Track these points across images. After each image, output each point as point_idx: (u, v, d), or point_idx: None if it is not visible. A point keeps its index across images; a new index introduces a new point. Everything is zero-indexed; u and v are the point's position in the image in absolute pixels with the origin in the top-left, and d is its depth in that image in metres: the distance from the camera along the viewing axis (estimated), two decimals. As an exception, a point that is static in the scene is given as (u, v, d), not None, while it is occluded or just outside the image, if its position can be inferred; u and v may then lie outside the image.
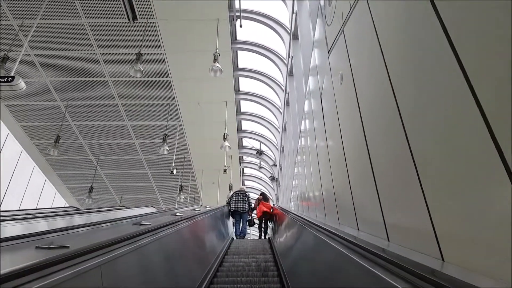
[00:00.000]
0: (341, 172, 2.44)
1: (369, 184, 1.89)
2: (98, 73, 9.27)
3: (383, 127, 1.74)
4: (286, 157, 9.73)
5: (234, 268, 4.33)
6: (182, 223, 2.61)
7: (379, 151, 1.81)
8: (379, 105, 1.78)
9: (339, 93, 2.49)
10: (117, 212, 4.93)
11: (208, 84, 9.61)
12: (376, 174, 1.82)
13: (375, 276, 1.25)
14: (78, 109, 10.53)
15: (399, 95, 1.54)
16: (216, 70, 7.03)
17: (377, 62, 1.73)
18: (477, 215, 1.01)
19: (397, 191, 1.62)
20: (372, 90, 1.88)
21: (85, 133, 11.57)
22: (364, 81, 2.04)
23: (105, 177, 14.14)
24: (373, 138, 1.87)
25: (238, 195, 9.58)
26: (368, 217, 1.99)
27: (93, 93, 9.95)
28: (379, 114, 1.79)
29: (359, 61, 2.11)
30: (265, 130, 13.17)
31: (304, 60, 5.97)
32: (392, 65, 1.61)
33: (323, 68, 3.06)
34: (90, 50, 8.62)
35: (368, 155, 1.91)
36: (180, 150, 12.37)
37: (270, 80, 10.54)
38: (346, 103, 2.33)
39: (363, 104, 2.04)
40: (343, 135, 2.41)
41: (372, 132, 1.89)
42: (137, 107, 10.46)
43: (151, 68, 9.09)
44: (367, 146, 1.91)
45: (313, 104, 3.70)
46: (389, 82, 1.62)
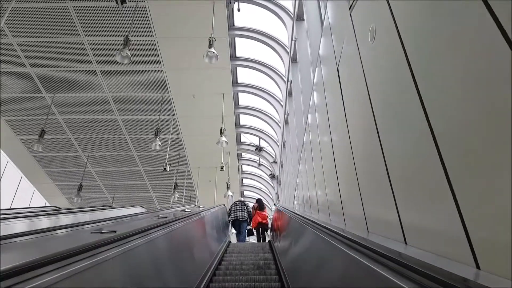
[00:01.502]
0: (372, 168, 1.85)
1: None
2: (86, 63, 8.72)
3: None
4: (288, 152, 9.17)
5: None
6: (160, 229, 2.07)
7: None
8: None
9: (370, 57, 1.88)
10: (97, 213, 4.42)
11: (203, 74, 9.06)
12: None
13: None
14: (65, 102, 9.98)
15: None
16: (212, 56, 6.48)
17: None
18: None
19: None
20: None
21: (74, 128, 11.02)
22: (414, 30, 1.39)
23: (96, 174, 13.60)
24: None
25: (237, 204, 9.84)
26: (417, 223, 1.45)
27: (80, 84, 9.40)
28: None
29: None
30: (265, 125, 12.61)
31: (311, 46, 5.38)
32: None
33: (342, 28, 2.49)
34: (76, 37, 8.07)
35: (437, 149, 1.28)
36: (175, 146, 11.84)
37: (270, 71, 9.97)
38: (383, 66, 1.69)
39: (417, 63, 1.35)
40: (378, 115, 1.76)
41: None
42: (128, 100, 9.91)
43: (142, 57, 8.54)
44: (433, 136, 1.26)
45: (327, 78, 3.15)
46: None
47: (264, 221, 9.25)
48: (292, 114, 7.98)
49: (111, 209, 5.68)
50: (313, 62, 4.78)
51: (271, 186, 16.17)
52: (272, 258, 5.42)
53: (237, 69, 10.26)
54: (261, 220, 9.23)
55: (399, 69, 1.47)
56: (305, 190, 4.54)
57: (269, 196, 17.19)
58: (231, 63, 9.03)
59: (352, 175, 2.17)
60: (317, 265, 2.30)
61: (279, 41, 9.04)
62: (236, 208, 9.60)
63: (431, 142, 1.22)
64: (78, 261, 1.11)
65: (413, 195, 1.41)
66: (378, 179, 1.74)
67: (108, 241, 1.41)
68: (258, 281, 3.75)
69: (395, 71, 1.55)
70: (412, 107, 1.36)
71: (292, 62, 7.63)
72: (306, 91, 5.87)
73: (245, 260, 5.17)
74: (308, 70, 6.12)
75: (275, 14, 8.33)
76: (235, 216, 9.35)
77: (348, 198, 2.36)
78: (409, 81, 1.38)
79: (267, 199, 17.64)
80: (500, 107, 0.90)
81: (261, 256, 5.57)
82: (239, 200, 10.24)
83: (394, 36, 1.50)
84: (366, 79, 1.88)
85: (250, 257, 5.45)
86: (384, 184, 1.63)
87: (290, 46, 7.57)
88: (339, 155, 2.61)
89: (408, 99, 1.40)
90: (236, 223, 9.41)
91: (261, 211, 9.48)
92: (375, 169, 1.77)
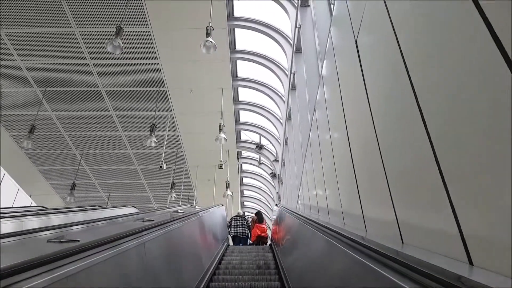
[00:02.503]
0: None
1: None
2: (78, 55, 8.36)
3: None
4: (291, 150, 8.75)
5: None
6: (138, 237, 1.70)
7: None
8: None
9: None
10: (79, 215, 4.05)
11: (201, 68, 8.70)
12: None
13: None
14: (58, 97, 9.62)
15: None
16: (209, 46, 6.10)
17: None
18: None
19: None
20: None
21: (67, 124, 10.66)
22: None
23: (91, 173, 13.24)
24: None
25: (237, 219, 9.85)
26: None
27: (73, 78, 9.04)
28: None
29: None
30: (266, 122, 12.22)
31: (319, 35, 4.96)
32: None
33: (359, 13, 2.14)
34: (67, 27, 7.71)
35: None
36: (172, 144, 11.47)
37: (272, 64, 9.58)
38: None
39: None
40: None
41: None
42: (123, 95, 9.55)
43: (136, 49, 8.19)
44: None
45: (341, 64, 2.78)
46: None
47: (263, 234, 9.28)
48: (295, 109, 7.55)
49: (100, 210, 5.32)
50: (321, 52, 4.39)
51: (272, 186, 15.79)
52: (275, 266, 5.05)
53: (237, 62, 9.89)
54: (260, 233, 9.26)
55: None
56: (312, 190, 4.17)
57: (270, 196, 16.81)
58: (230, 56, 8.67)
59: (375, 173, 1.81)
60: (331, 280, 1.94)
61: (281, 31, 8.65)
62: (236, 223, 9.67)
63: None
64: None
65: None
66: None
67: (60, 255, 1.05)
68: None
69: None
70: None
71: (295, 52, 7.21)
72: (312, 84, 5.48)
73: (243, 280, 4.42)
74: (314, 60, 5.74)
75: (277, 2, 7.94)
76: (236, 231, 9.48)
77: (368, 198, 2.00)
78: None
79: (268, 199, 17.29)
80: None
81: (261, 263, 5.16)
82: (239, 215, 10.29)
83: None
84: (405, 58, 1.50)
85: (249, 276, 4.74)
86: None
87: (294, 35, 7.16)
88: (358, 151, 2.24)
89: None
90: (237, 239, 9.55)
91: (260, 224, 9.48)
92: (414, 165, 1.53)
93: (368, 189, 2.03)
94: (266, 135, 12.85)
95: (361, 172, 2.16)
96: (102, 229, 2.05)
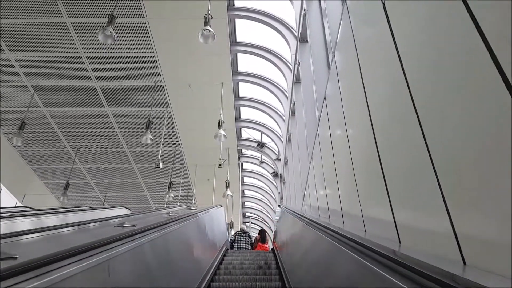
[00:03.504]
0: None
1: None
2: (70, 47, 7.99)
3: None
4: (295, 148, 8.29)
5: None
6: (107, 250, 1.32)
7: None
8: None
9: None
10: (60, 217, 3.67)
11: (200, 61, 8.32)
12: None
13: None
14: (50, 92, 9.25)
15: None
16: (208, 35, 5.71)
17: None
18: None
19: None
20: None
21: (60, 121, 10.30)
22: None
23: (86, 172, 12.87)
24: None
25: (240, 235, 10.01)
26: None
27: (65, 72, 8.68)
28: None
29: None
30: (268, 119, 11.80)
31: (330, 24, 4.48)
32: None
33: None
34: (58, 17, 7.34)
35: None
36: (170, 142, 11.10)
37: (274, 57, 9.17)
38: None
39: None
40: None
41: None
42: (118, 90, 9.18)
43: (132, 41, 7.81)
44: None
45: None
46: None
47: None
48: (299, 104, 7.10)
49: (88, 211, 4.94)
50: (332, 43, 3.97)
51: (273, 185, 15.41)
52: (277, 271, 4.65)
53: (237, 55, 9.49)
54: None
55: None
56: (320, 189, 3.77)
57: (272, 196, 16.41)
58: (230, 48, 8.28)
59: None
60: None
61: (284, 22, 8.24)
62: (240, 238, 9.88)
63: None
64: None
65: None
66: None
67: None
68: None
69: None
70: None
71: (300, 42, 6.77)
72: (321, 76, 5.07)
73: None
74: (321, 51, 5.32)
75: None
76: (239, 247, 9.68)
77: (402, 201, 1.63)
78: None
79: (270, 199, 16.90)
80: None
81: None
82: (242, 230, 10.58)
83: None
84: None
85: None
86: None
87: (299, 23, 6.72)
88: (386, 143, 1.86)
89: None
90: None
91: (263, 244, 9.73)
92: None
93: (405, 188, 1.65)
94: (268, 133, 12.44)
95: (389, 167, 1.77)
96: (64, 238, 1.67)
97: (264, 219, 19.88)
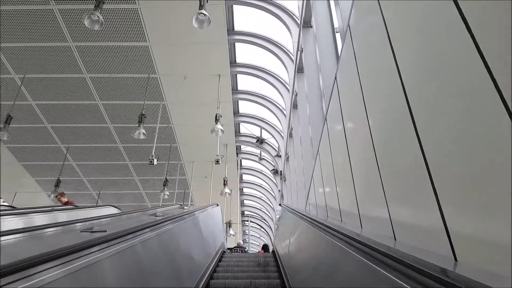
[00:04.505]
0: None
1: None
2: (58, 37, 7.58)
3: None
4: (297, 143, 7.80)
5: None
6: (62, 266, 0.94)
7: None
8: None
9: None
10: (31, 218, 3.28)
11: (196, 51, 7.92)
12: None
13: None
14: (38, 84, 8.83)
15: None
16: (203, 20, 5.32)
17: None
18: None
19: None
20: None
21: (50, 115, 9.89)
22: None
23: (79, 169, 12.46)
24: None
25: (237, 251, 10.34)
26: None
27: (54, 63, 8.26)
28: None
29: None
30: (268, 113, 11.38)
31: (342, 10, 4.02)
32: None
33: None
34: (44, 4, 6.94)
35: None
36: (165, 137, 10.70)
37: (274, 46, 8.73)
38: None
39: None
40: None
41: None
42: (110, 82, 8.77)
43: (123, 29, 7.39)
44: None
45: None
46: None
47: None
48: (303, 96, 6.64)
49: (74, 210, 4.54)
50: (344, 27, 3.54)
51: (273, 183, 15.02)
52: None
53: (235, 46, 9.06)
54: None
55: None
56: (329, 188, 3.36)
57: (272, 194, 16.02)
58: (228, 38, 7.87)
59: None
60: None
61: (286, 8, 7.80)
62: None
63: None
64: None
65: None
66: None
67: None
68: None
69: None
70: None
71: (304, 27, 6.31)
72: (328, 63, 4.65)
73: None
74: (328, 35, 4.90)
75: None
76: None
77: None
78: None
79: (269, 197, 16.51)
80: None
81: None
82: (239, 245, 11.02)
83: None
84: None
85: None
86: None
87: (302, 6, 6.27)
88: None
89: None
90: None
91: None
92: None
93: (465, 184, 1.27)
94: (268, 128, 12.03)
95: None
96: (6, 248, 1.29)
97: (263, 218, 19.51)
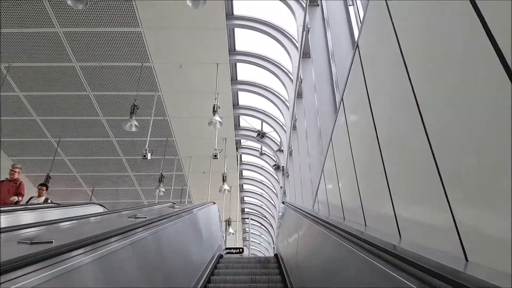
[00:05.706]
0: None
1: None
2: (44, 22, 7.11)
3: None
4: (302, 136, 7.24)
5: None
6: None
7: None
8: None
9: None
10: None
11: (192, 37, 7.45)
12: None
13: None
14: (24, 74, 8.37)
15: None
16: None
17: None
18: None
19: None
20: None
21: (38, 107, 9.43)
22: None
23: (71, 164, 12.02)
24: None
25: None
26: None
27: (41, 51, 7.79)
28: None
29: None
30: (270, 105, 10.90)
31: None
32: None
33: None
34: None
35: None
36: (161, 131, 10.25)
37: (276, 31, 8.24)
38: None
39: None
40: None
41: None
42: (101, 71, 8.31)
43: (114, 13, 6.92)
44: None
45: None
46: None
47: None
48: (309, 84, 6.10)
49: (55, 209, 4.11)
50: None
51: (275, 179, 14.58)
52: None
53: (234, 31, 8.57)
54: None
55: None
56: (345, 185, 2.89)
57: (273, 191, 15.59)
58: (227, 23, 7.39)
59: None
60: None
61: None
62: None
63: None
64: None
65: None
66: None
67: None
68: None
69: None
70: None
71: (310, 5, 5.75)
72: (343, 45, 4.17)
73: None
74: (341, 12, 4.41)
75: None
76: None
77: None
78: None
79: (271, 194, 16.08)
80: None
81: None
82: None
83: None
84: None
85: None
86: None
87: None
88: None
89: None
90: None
91: None
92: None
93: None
94: (270, 121, 11.56)
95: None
96: None
97: (264, 215, 19.10)
